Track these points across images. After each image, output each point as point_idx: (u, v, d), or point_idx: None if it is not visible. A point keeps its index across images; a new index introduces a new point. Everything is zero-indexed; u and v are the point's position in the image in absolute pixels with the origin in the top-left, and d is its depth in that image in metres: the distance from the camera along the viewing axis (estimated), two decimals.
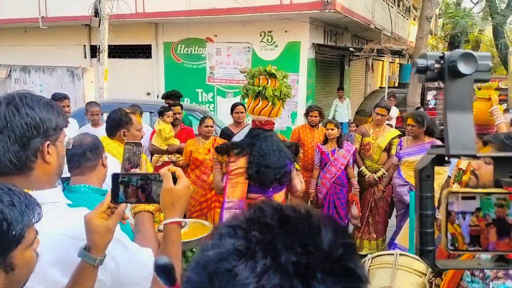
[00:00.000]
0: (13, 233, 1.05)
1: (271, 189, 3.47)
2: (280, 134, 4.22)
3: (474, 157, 0.60)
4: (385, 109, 5.21)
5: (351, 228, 5.53)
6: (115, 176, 1.28)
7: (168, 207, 1.23)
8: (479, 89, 3.86)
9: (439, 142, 4.64)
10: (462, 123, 0.59)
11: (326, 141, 5.14)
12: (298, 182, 3.49)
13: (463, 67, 0.57)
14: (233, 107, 5.50)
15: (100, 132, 4.68)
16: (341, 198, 5.17)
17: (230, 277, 0.53)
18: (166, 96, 6.61)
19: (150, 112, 6.88)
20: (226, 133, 5.41)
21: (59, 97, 5.06)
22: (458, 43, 19.71)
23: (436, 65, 0.59)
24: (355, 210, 5.13)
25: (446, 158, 0.63)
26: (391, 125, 6.31)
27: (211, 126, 5.09)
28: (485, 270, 1.48)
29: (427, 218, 0.62)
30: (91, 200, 1.85)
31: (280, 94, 3.37)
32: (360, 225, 5.29)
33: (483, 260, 0.66)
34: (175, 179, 1.24)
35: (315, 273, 0.54)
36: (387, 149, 5.11)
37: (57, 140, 1.40)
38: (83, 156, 1.95)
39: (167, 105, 5.89)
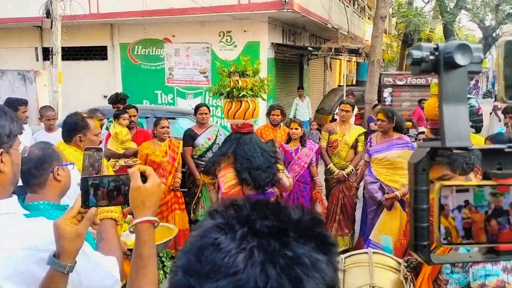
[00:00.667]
0: None
1: (268, 191, 3.44)
2: None
3: (467, 149, 0.60)
4: (349, 105, 5.31)
5: None
6: (84, 180, 1.24)
7: (138, 205, 1.19)
8: (435, 85, 4.01)
9: (407, 138, 4.76)
10: (457, 115, 0.59)
11: (289, 140, 5.18)
12: (286, 178, 3.48)
13: (459, 58, 0.57)
14: (197, 108, 5.45)
15: (56, 137, 4.51)
16: (305, 196, 5.22)
17: (214, 248, 0.59)
18: (115, 101, 6.30)
19: (146, 117, 6.60)
20: (189, 134, 5.35)
21: (20, 103, 4.88)
22: (411, 41, 20.39)
23: (431, 57, 0.59)
24: (319, 207, 5.20)
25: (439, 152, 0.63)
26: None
27: (167, 127, 5.00)
28: None
29: (422, 212, 0.62)
30: (52, 217, 1.76)
31: (252, 93, 3.33)
32: (327, 222, 5.36)
33: (473, 252, 0.67)
34: (145, 179, 1.21)
35: (288, 234, 0.60)
36: (354, 146, 5.22)
37: (11, 148, 1.34)
38: (28, 173, 1.80)
39: (116, 109, 5.75)
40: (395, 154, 4.57)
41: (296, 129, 5.06)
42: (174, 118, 6.60)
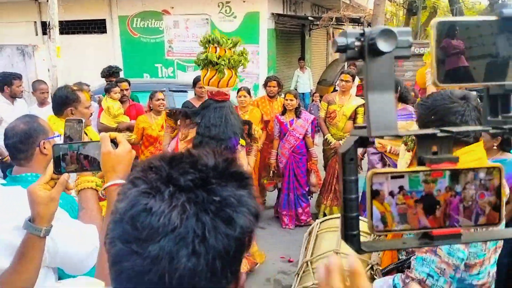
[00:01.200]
0: None
1: None
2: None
3: (397, 136, 0.59)
4: (349, 76, 5.24)
5: (315, 197, 5.66)
6: (56, 147, 1.27)
7: (108, 170, 1.22)
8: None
9: (411, 109, 4.68)
10: (383, 103, 0.57)
11: (284, 111, 5.17)
12: (244, 162, 3.49)
13: (382, 45, 0.55)
14: (196, 82, 5.40)
15: (47, 111, 4.56)
16: (301, 167, 5.26)
17: (147, 213, 0.62)
18: (107, 75, 6.20)
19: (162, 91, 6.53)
20: (187, 107, 5.34)
21: (14, 77, 4.89)
22: (416, 9, 19.96)
23: (357, 43, 0.57)
24: (313, 178, 5.25)
25: (369, 139, 0.61)
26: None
27: (163, 99, 4.97)
28: None
29: (351, 202, 0.62)
30: None
31: (228, 63, 3.33)
32: (319, 193, 5.42)
33: (408, 238, 0.67)
34: (116, 146, 1.24)
35: (211, 181, 0.65)
36: (352, 117, 5.19)
37: None
38: (14, 147, 1.85)
39: (108, 83, 5.70)
40: (398, 125, 4.53)
41: (291, 100, 5.05)
42: (186, 92, 6.50)
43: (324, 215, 5.42)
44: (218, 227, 0.62)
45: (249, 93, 5.25)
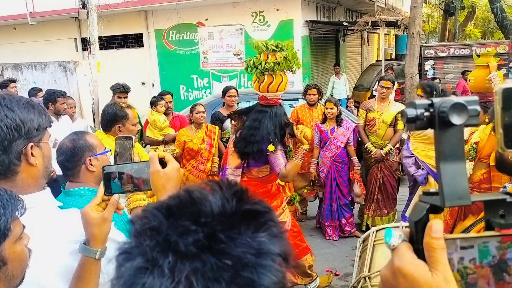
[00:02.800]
0: None
1: (251, 162, 3.54)
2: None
3: (469, 205, 0.59)
4: (390, 82, 5.10)
5: (357, 207, 5.51)
6: (105, 168, 1.28)
7: (159, 189, 1.21)
8: (478, 56, 3.79)
9: None
10: (456, 173, 0.58)
11: (325, 119, 5.08)
12: (278, 165, 3.43)
13: (455, 118, 0.56)
14: (226, 91, 5.45)
15: (77, 125, 4.71)
16: (343, 176, 5.14)
17: None
18: (118, 91, 5.59)
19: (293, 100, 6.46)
20: (217, 117, 5.38)
21: (58, 95, 5.03)
22: (453, 10, 19.41)
23: (426, 114, 0.58)
24: (357, 188, 5.11)
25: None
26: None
27: (203, 112, 4.99)
28: None
29: None
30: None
31: (279, 67, 3.34)
32: (364, 203, 5.27)
33: None
34: (165, 165, 1.24)
35: (219, 237, 0.53)
36: (393, 124, 5.04)
37: (41, 141, 1.36)
38: (62, 165, 1.90)
39: (154, 97, 5.72)
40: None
41: (332, 108, 4.95)
42: (295, 99, 6.50)
43: (367, 225, 5.26)
44: None
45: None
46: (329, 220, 5.22)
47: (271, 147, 3.39)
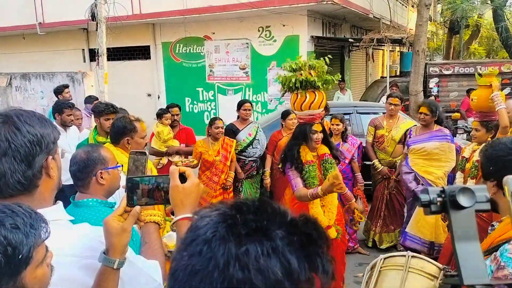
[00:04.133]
0: (19, 256, 1.03)
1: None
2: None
3: (489, 286, 0.62)
4: (398, 99, 5.14)
5: (362, 223, 5.49)
6: (129, 180, 1.30)
7: (177, 204, 1.23)
8: (480, 76, 3.82)
9: (447, 131, 4.62)
10: (471, 253, 0.63)
11: (330, 135, 5.11)
12: (291, 185, 3.53)
13: (463, 200, 0.63)
14: (241, 104, 5.53)
15: (83, 136, 4.74)
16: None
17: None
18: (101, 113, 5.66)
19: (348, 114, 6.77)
20: (231, 129, 5.44)
21: (65, 106, 5.07)
22: (458, 28, 19.54)
23: (438, 199, 0.65)
24: (360, 204, 5.10)
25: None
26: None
27: (222, 127, 5.06)
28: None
29: None
30: (100, 213, 1.83)
31: (321, 84, 3.44)
32: (366, 218, 5.26)
33: None
34: (185, 179, 1.25)
35: (273, 232, 0.63)
36: (402, 141, 5.05)
37: (56, 153, 1.39)
38: (74, 175, 1.95)
39: (160, 109, 5.78)
40: (433, 145, 4.49)
41: (338, 124, 4.98)
42: (376, 113, 6.61)
43: (373, 241, 5.25)
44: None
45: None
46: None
47: (280, 164, 3.49)
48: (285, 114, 5.43)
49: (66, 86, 7.25)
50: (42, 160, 1.29)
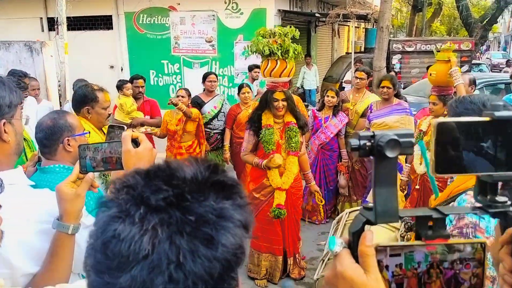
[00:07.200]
0: None
1: None
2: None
3: (397, 220, 0.70)
4: (364, 73, 5.26)
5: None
6: (81, 147, 1.31)
7: (130, 168, 1.21)
8: (438, 51, 3.96)
9: (406, 104, 4.80)
10: (388, 197, 0.69)
11: (322, 107, 5.20)
12: (243, 146, 3.92)
13: (389, 152, 0.66)
14: (206, 76, 5.53)
15: (42, 107, 4.62)
16: (329, 164, 5.28)
17: (117, 240, 0.57)
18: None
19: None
20: (196, 102, 5.42)
21: (20, 75, 4.85)
22: (421, 5, 19.90)
23: (368, 144, 0.68)
24: (342, 180, 5.26)
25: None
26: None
27: (182, 96, 5.06)
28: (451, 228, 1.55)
29: None
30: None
31: (292, 53, 3.63)
32: (347, 194, 5.42)
33: None
34: (138, 145, 1.26)
35: (186, 197, 0.59)
36: (365, 115, 5.19)
37: (13, 118, 1.37)
38: (40, 142, 1.92)
39: (119, 80, 5.69)
40: (393, 119, 4.65)
41: (333, 97, 5.09)
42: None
43: (337, 211, 5.43)
44: (196, 249, 0.56)
45: (251, 89, 5.40)
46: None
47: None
48: (239, 88, 5.51)
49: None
50: None
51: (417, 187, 3.83)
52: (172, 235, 0.56)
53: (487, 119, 0.70)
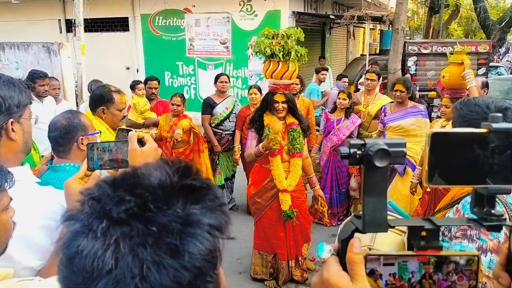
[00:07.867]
0: None
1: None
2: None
3: (386, 230, 0.68)
4: (374, 74, 5.24)
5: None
6: (89, 145, 1.34)
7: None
8: (452, 53, 3.92)
9: (421, 106, 4.76)
10: (377, 206, 0.67)
11: (334, 109, 5.20)
12: (247, 145, 3.88)
13: (378, 162, 0.64)
14: (217, 77, 5.56)
15: (62, 108, 4.70)
16: (342, 167, 5.26)
17: (80, 256, 0.56)
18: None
19: None
20: (208, 103, 5.46)
21: (36, 76, 4.94)
22: (438, 7, 19.65)
23: (358, 152, 0.66)
24: (353, 182, 5.24)
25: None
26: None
27: (177, 105, 5.07)
28: (452, 230, 1.55)
29: None
30: None
31: (294, 55, 3.53)
32: (358, 197, 5.40)
33: None
34: (143, 145, 1.28)
35: (149, 207, 0.58)
36: (378, 116, 5.17)
37: (22, 117, 1.41)
38: (55, 141, 1.95)
39: (133, 81, 5.77)
40: (409, 122, 4.61)
41: (344, 99, 5.07)
42: None
43: (350, 213, 5.42)
44: (161, 260, 0.55)
45: (260, 91, 5.37)
46: (329, 207, 5.31)
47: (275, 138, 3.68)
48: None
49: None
50: (1, 122, 1.32)
51: (428, 189, 3.80)
52: (135, 248, 0.55)
53: (484, 131, 0.68)
